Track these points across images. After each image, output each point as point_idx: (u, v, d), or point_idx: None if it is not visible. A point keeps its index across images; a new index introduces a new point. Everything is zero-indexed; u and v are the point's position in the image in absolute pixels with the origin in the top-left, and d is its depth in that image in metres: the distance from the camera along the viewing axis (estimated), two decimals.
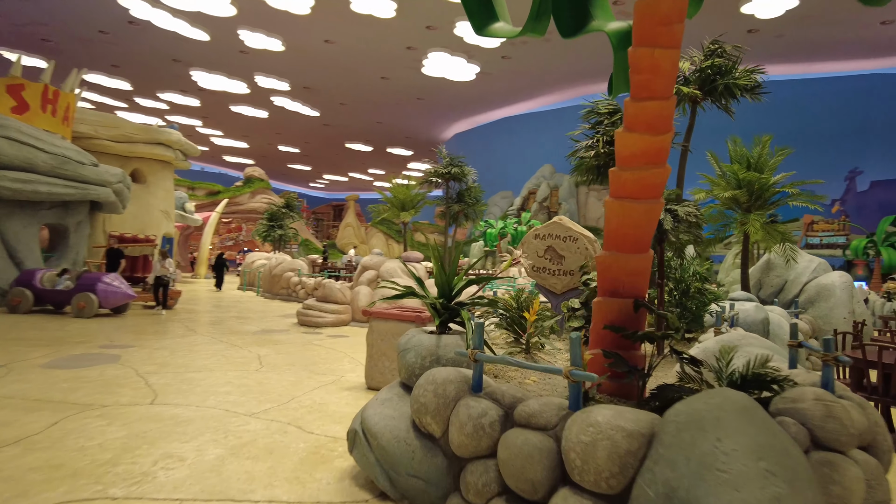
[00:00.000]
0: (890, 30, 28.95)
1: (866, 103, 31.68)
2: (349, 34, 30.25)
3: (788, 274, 11.38)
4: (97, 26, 30.36)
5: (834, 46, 30.48)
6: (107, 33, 31.28)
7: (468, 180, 17.58)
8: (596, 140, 8.99)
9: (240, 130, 48.14)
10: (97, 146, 19.08)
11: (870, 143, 30.84)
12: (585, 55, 32.44)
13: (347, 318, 13.05)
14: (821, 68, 33.15)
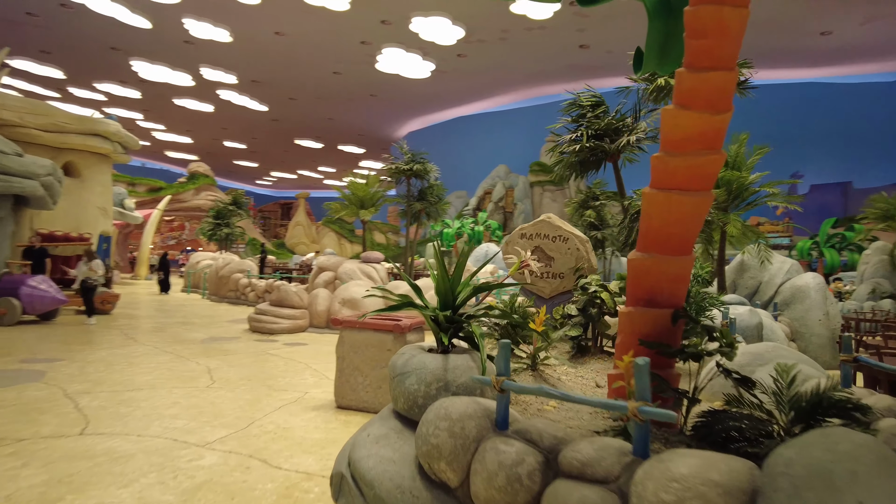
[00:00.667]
0: (829, 40, 29.72)
1: (807, 111, 32.53)
2: (301, 26, 29.00)
3: (763, 275, 11.06)
4: (24, 7, 28.08)
5: (776, 55, 31.12)
6: (36, 16, 29.02)
7: (430, 178, 16.76)
8: (580, 134, 8.36)
9: (183, 125, 45.83)
10: (23, 135, 17.28)
11: (809, 150, 31.66)
12: (540, 56, 32.16)
13: (305, 323, 12.02)
14: (764, 76, 33.83)
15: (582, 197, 17.88)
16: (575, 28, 28.86)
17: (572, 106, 8.53)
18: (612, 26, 28.69)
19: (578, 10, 26.87)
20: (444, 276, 3.82)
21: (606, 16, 27.56)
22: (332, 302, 12.33)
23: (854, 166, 31.17)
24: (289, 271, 20.62)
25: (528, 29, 28.98)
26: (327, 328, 12.20)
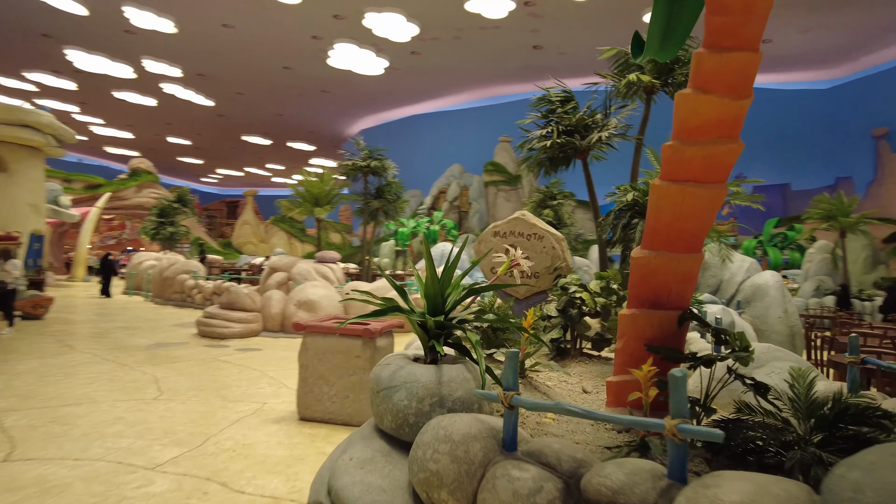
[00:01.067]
0: (769, 48, 30.69)
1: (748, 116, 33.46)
2: (250, 19, 27.92)
3: (723, 273, 11.09)
4: None
5: None
6: None
7: (388, 175, 16.24)
8: (550, 130, 8.08)
9: (124, 119, 43.63)
10: None
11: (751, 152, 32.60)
12: (494, 56, 32.04)
13: (258, 327, 11.36)
14: None
15: (540, 196, 17.76)
16: (529, 29, 28.81)
17: (542, 101, 8.22)
18: (566, 28, 28.77)
19: (532, 11, 26.88)
20: (433, 277, 3.41)
21: (559, 17, 27.62)
22: (287, 304, 11.72)
23: (792, 169, 32.31)
24: (237, 272, 19.65)
25: (482, 28, 28.76)
26: (282, 332, 11.58)
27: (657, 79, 8.11)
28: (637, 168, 8.46)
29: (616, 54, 8.57)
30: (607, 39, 30.00)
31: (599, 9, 26.10)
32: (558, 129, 7.97)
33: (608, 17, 27.03)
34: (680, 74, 7.99)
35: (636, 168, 8.47)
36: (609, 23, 27.73)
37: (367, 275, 16.02)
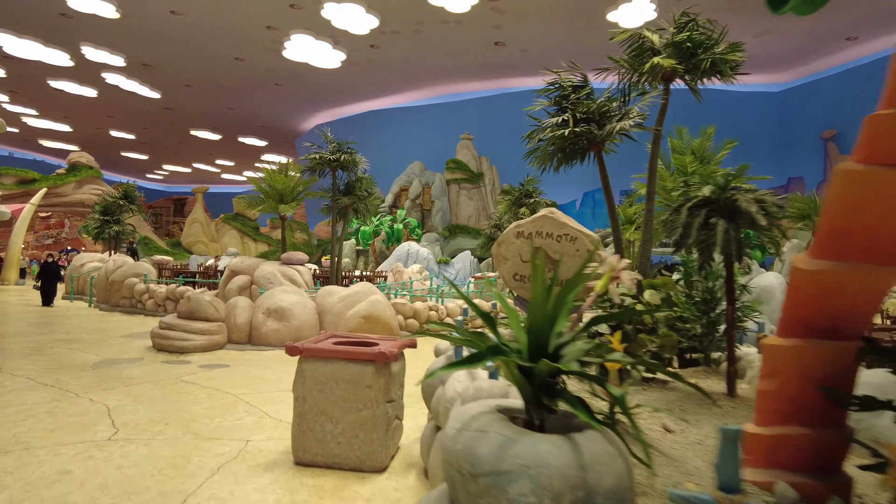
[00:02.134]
0: None
1: (701, 117, 33.67)
2: (200, 5, 26.04)
3: None
4: None
5: None
6: None
7: (359, 170, 15.00)
8: (566, 118, 7.13)
9: (61, 110, 40.47)
10: None
11: None
12: (455, 52, 31.06)
13: (222, 339, 10.00)
14: None
15: (515, 194, 16.87)
16: (492, 24, 27.97)
17: (553, 87, 7.25)
18: (528, 25, 28.06)
19: (496, 6, 26.03)
20: (541, 299, 2.33)
21: (523, 13, 26.87)
22: (255, 313, 10.39)
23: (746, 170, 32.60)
24: (192, 275, 17.93)
25: (444, 22, 27.73)
26: (249, 344, 10.25)
27: (679, 64, 7.24)
28: (655, 161, 7.60)
29: (630, 37, 7.67)
30: (570, 37, 29.46)
31: (563, 5, 25.48)
32: (577, 115, 7.03)
33: (573, 13, 26.45)
34: (703, 59, 7.14)
35: (654, 161, 7.61)
36: (573, 20, 27.16)
37: (337, 277, 14.75)
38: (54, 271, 17.51)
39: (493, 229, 24.00)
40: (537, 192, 17.10)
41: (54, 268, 17.64)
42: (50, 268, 17.58)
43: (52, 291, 17.37)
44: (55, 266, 17.74)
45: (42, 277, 17.35)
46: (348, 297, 10.89)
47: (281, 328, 10.17)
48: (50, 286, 17.31)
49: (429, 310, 12.23)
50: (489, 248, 25.29)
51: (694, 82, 7.54)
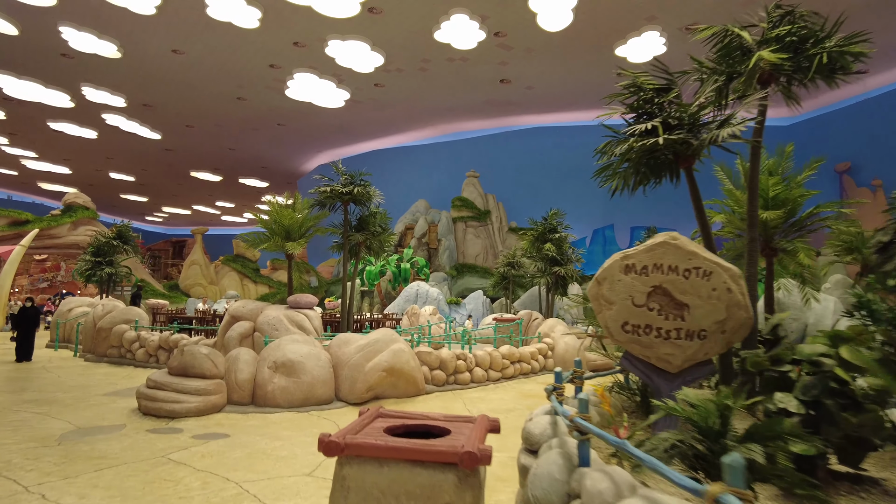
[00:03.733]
0: None
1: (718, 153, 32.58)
2: (202, 44, 24.97)
3: (807, 316, 8.84)
4: None
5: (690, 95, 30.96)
6: None
7: (372, 204, 13.48)
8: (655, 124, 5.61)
9: (60, 153, 39.14)
10: None
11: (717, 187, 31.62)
12: (459, 89, 30.06)
13: (220, 400, 8.21)
14: None
15: (540, 228, 15.37)
16: (497, 61, 27.00)
17: (630, 90, 5.76)
18: (535, 61, 27.11)
19: (502, 43, 25.08)
20: None
21: (529, 49, 25.92)
22: (260, 367, 8.64)
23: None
24: (188, 320, 16.06)
25: (449, 59, 26.76)
26: (252, 405, 8.47)
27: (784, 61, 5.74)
28: (756, 179, 6.06)
29: (717, 33, 6.22)
30: (577, 73, 28.39)
31: (571, 41, 24.52)
32: (670, 119, 5.52)
33: (580, 49, 25.52)
34: (817, 53, 5.68)
35: (755, 179, 6.07)
36: (580, 55, 26.23)
37: (349, 322, 13.00)
38: (32, 318, 14.22)
39: (507, 267, 22.45)
40: (562, 227, 15.60)
41: (32, 314, 14.28)
42: (27, 314, 14.20)
43: (29, 343, 14.17)
44: (33, 312, 14.40)
45: (18, 326, 14.16)
46: (367, 347, 9.19)
47: (290, 385, 8.42)
48: (27, 336, 14.12)
49: (456, 359, 10.52)
50: (501, 288, 23.62)
51: (801, 83, 6.06)
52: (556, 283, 15.39)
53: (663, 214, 29.51)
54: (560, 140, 33.57)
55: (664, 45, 24.68)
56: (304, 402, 8.51)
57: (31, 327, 14.21)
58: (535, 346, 13.09)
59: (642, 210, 33.30)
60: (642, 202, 31.21)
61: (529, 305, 23.49)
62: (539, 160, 33.16)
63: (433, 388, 10.19)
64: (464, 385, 10.69)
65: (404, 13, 22.32)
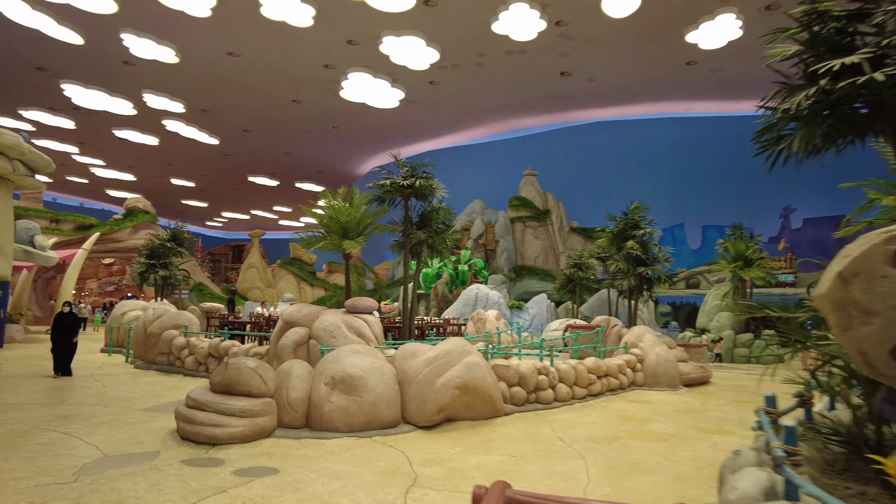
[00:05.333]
0: None
1: None
2: (257, 46, 24.23)
3: None
4: None
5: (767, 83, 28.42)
6: None
7: (435, 198, 12.07)
8: (857, 59, 3.87)
9: (125, 160, 39.64)
10: None
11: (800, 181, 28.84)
12: (517, 84, 28.38)
13: (270, 422, 6.85)
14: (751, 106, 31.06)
15: (620, 224, 13.60)
16: (558, 52, 25.20)
17: (811, 17, 4.03)
18: (597, 52, 25.18)
19: (564, 32, 23.28)
20: None
21: (591, 39, 24.03)
22: (316, 383, 7.25)
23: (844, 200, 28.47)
24: (241, 325, 14.96)
25: (507, 52, 25.16)
26: (306, 428, 7.08)
27: None
28: None
29: None
30: (642, 63, 26.03)
31: (637, 27, 22.48)
32: (875, 59, 3.79)
33: (646, 37, 23.46)
34: None
35: None
36: (646, 44, 24.15)
37: (410, 328, 11.57)
38: (69, 326, 11.90)
39: (573, 269, 20.64)
40: (645, 222, 13.74)
41: (69, 321, 11.97)
42: (62, 322, 11.88)
43: (66, 354, 11.77)
44: (71, 319, 12.08)
45: (53, 336, 11.83)
46: (438, 360, 7.68)
47: (350, 405, 7.00)
48: (64, 347, 11.77)
49: (537, 374, 8.91)
50: (567, 291, 21.81)
51: None
52: (640, 285, 13.57)
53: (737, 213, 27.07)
54: (623, 135, 31.48)
55: (740, 29, 22.39)
56: (367, 425, 7.07)
57: (66, 336, 11.83)
58: (622, 357, 11.29)
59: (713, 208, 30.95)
60: (713, 200, 28.76)
61: (598, 310, 21.59)
62: (601, 156, 31.19)
63: (512, 407, 8.58)
64: (546, 404, 9.03)
65: (461, 4, 20.88)
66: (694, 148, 30.88)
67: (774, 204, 28.43)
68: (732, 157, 29.70)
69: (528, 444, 6.92)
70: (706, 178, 29.69)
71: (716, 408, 9.91)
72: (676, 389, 11.68)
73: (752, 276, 17.15)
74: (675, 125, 31.12)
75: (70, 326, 11.98)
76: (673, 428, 8.09)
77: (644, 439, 7.38)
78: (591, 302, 22.48)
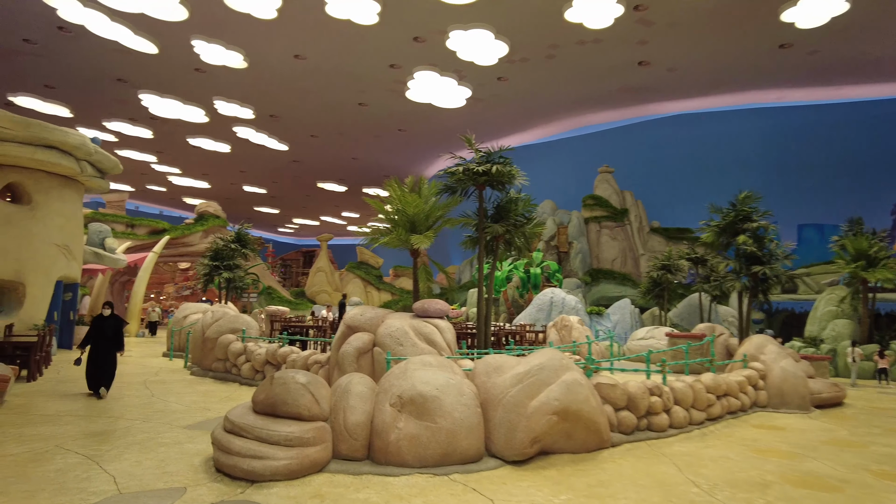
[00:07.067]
0: None
1: None
2: (322, 47, 23.44)
3: None
4: (20, 33, 22.83)
5: (872, 66, 25.09)
6: (33, 43, 23.76)
7: (513, 187, 10.50)
8: None
9: (199, 168, 40.23)
10: None
11: None
12: (591, 76, 26.31)
13: (323, 454, 5.37)
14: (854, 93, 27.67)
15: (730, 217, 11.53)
16: (636, 40, 23.02)
17: None
18: (679, 37, 22.81)
19: (642, 17, 21.11)
20: None
21: (673, 24, 21.71)
22: (380, 403, 5.74)
23: None
24: (302, 329, 13.74)
25: (580, 42, 23.22)
26: (368, 460, 5.58)
27: None
28: None
29: None
30: (729, 49, 23.16)
31: (725, 8, 20.03)
32: None
33: (735, 19, 20.91)
34: None
35: None
36: (735, 25, 21.54)
37: (486, 336, 9.96)
38: (111, 330, 9.31)
39: (660, 272, 18.41)
40: (757, 213, 11.61)
41: (111, 324, 9.35)
42: (102, 326, 9.27)
43: (103, 368, 9.07)
44: (113, 323, 9.42)
45: (89, 345, 9.21)
46: (529, 377, 6.01)
47: (422, 433, 5.45)
48: (102, 358, 9.09)
49: (649, 394, 7.09)
50: (653, 296, 19.56)
51: None
52: (755, 287, 11.40)
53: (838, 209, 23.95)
54: (706, 128, 28.72)
55: (846, 2, 19.57)
56: (442, 458, 5.48)
57: (107, 346, 9.19)
58: (741, 373, 9.22)
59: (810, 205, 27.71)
60: (810, 196, 24.84)
61: (687, 317, 19.22)
62: (681, 152, 28.57)
63: (619, 436, 6.78)
64: (659, 432, 7.17)
65: None
66: (786, 140, 27.78)
67: (882, 199, 24.97)
68: (831, 150, 26.46)
69: (655, 492, 5.13)
70: (801, 173, 26.59)
71: (875, 439, 7.72)
72: (808, 412, 9.47)
73: (879, 279, 14.44)
74: (764, 116, 28.10)
75: (111, 332, 9.30)
76: (837, 470, 6.06)
77: (808, 487, 5.43)
78: (681, 308, 20.09)
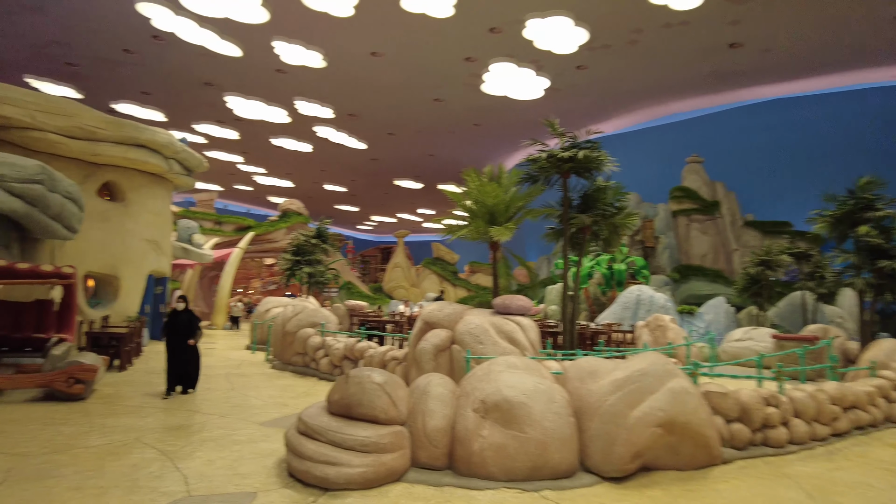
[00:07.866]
0: None
1: None
2: (398, 42, 23.35)
3: None
4: (120, 44, 24.28)
5: None
6: (132, 53, 25.18)
7: (603, 174, 9.66)
8: None
9: (283, 167, 41.57)
10: (38, 142, 11.84)
11: None
12: (677, 62, 24.65)
13: (400, 462, 4.92)
14: None
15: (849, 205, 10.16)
16: (727, 20, 21.27)
17: None
18: (775, 16, 20.84)
19: None
20: None
21: (769, 1, 19.85)
22: (461, 408, 5.22)
23: None
24: (380, 324, 13.50)
25: (666, 25, 21.71)
26: (449, 469, 5.09)
27: None
28: None
29: None
30: (832, 25, 20.66)
31: None
32: None
33: None
34: None
35: None
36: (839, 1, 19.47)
37: (573, 336, 9.22)
38: (184, 325, 8.74)
39: (759, 268, 16.80)
40: (882, 201, 10.13)
41: (184, 320, 8.78)
42: (177, 321, 8.75)
43: (185, 364, 8.69)
44: (187, 318, 8.82)
45: (167, 339, 8.70)
46: (629, 384, 5.28)
47: (509, 443, 4.88)
48: (180, 354, 8.63)
49: (765, 405, 6.15)
50: (750, 294, 17.93)
51: None
52: (880, 284, 9.94)
53: None
54: (806, 112, 26.16)
55: None
56: (532, 472, 4.88)
57: (181, 339, 8.64)
58: (869, 382, 7.98)
59: None
60: None
61: (789, 317, 17.47)
62: (778, 139, 26.13)
63: (732, 452, 5.89)
64: (777, 448, 6.20)
65: None
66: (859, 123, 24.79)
67: None
68: None
69: None
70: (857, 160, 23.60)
71: None
72: None
73: None
74: (879, 96, 25.21)
75: (185, 328, 8.73)
76: None
77: None
78: (782, 306, 18.28)
